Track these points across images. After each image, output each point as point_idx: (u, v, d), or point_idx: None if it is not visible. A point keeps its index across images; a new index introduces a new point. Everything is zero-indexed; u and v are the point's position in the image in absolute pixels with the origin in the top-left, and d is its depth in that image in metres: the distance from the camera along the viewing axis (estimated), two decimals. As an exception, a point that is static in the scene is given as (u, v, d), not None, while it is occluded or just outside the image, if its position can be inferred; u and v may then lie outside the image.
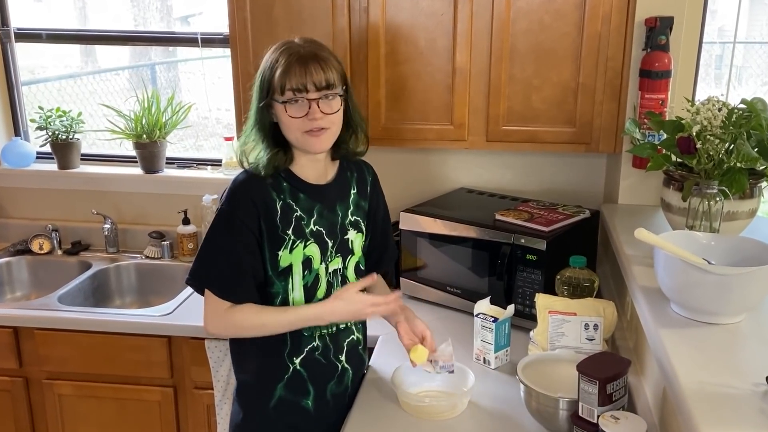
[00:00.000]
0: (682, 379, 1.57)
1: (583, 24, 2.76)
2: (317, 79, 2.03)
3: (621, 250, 2.41)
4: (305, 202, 2.16)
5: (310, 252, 2.16)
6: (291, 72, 2.02)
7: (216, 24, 3.60)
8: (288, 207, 2.13)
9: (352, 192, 2.28)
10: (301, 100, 2.04)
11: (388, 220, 2.44)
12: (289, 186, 2.14)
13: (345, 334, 2.28)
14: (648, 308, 1.95)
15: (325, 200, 2.20)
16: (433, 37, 2.87)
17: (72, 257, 3.68)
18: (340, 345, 2.27)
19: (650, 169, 2.44)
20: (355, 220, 2.27)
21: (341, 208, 2.24)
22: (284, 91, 2.04)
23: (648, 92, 2.71)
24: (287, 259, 2.13)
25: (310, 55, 2.04)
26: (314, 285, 2.19)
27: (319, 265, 2.18)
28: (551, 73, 2.83)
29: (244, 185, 2.12)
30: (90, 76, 4.44)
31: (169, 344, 2.99)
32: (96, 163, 3.84)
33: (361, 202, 2.30)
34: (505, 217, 2.83)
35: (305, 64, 2.03)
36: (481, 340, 2.47)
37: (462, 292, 2.89)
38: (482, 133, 2.94)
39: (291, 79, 2.02)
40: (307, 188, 2.17)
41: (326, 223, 2.19)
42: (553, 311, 2.34)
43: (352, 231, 2.26)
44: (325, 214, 2.19)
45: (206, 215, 3.48)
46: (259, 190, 2.11)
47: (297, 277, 2.15)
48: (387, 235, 2.43)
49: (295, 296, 2.16)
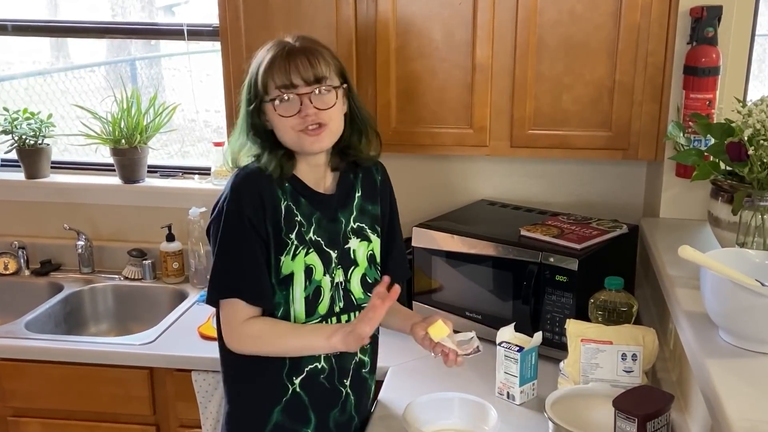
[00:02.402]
0: (732, 418, 1.57)
1: (620, 14, 2.77)
2: (305, 72, 2.08)
3: (663, 270, 2.42)
4: (306, 208, 2.20)
5: (311, 261, 2.20)
6: (275, 67, 2.09)
7: (204, 14, 3.62)
8: (290, 209, 2.18)
9: (356, 195, 2.31)
10: (291, 97, 2.08)
11: (397, 231, 2.46)
12: (291, 188, 2.19)
13: (350, 356, 2.30)
14: (693, 336, 1.95)
15: (326, 209, 2.24)
16: (450, 29, 2.89)
17: (41, 278, 3.70)
18: (346, 368, 2.30)
19: (696, 179, 2.43)
20: (358, 227, 2.30)
21: (344, 214, 2.28)
22: (270, 90, 2.10)
23: (693, 91, 2.71)
24: (289, 266, 2.17)
25: (297, 50, 2.11)
26: (315, 298, 2.21)
27: (322, 277, 2.21)
28: (584, 70, 2.85)
29: (248, 179, 2.17)
30: (62, 73, 4.44)
31: (150, 377, 3.00)
32: (68, 171, 3.87)
33: (366, 206, 2.33)
34: (531, 233, 2.84)
35: (291, 58, 2.09)
36: (504, 372, 2.49)
37: (483, 317, 2.90)
38: (506, 137, 2.95)
39: (276, 76, 2.08)
40: (309, 194, 2.22)
41: (325, 233, 2.22)
42: (586, 339, 2.35)
43: (354, 239, 2.29)
44: (324, 224, 2.23)
45: (193, 230, 3.51)
46: (265, 185, 2.16)
47: (298, 288, 2.19)
48: (393, 244, 2.44)
49: (296, 308, 2.20)
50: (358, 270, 2.30)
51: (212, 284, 2.21)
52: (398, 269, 2.45)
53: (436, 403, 2.31)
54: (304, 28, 2.87)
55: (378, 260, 2.36)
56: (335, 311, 2.26)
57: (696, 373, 1.89)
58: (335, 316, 2.26)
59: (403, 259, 2.51)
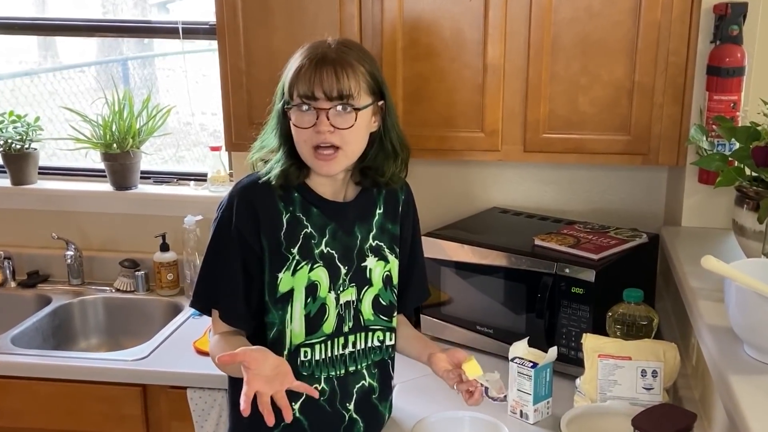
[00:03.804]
0: (758, 437, 1.58)
1: (639, 11, 2.78)
2: (328, 86, 2.07)
3: (685, 281, 2.43)
4: (318, 219, 2.21)
5: (317, 276, 2.20)
6: (301, 75, 2.08)
7: (200, 11, 3.63)
8: (296, 221, 2.19)
9: (377, 212, 2.32)
10: (310, 109, 2.09)
11: (419, 253, 2.49)
12: (300, 198, 2.20)
13: (354, 379, 2.31)
14: (717, 351, 1.96)
15: (342, 220, 2.25)
16: (460, 27, 2.90)
17: (28, 290, 3.72)
18: (349, 391, 2.31)
19: (719, 185, 2.44)
20: (377, 245, 2.31)
21: (361, 230, 2.28)
22: (293, 95, 2.10)
23: (717, 93, 2.72)
24: (288, 282, 2.18)
25: (328, 60, 2.09)
26: (319, 316, 2.22)
27: (327, 294, 2.22)
28: (601, 70, 2.86)
29: (246, 190, 2.19)
30: (50, 73, 4.45)
31: (143, 394, 3.01)
32: (57, 177, 3.89)
33: (387, 225, 2.34)
34: (546, 243, 2.86)
35: (318, 68, 2.08)
36: (517, 390, 2.49)
37: (494, 332, 2.91)
38: (519, 141, 2.96)
39: (300, 83, 2.08)
40: (322, 203, 2.23)
41: (340, 246, 2.24)
42: (603, 355, 2.36)
43: (371, 258, 2.30)
44: (339, 236, 2.24)
45: (189, 240, 3.52)
46: (263, 197, 2.17)
47: (298, 305, 2.20)
48: (412, 272, 2.46)
49: (294, 328, 2.21)
50: (371, 290, 2.31)
51: (195, 291, 2.28)
52: (419, 295, 2.53)
53: (445, 423, 2.32)
54: (305, 26, 2.89)
55: (395, 282, 2.37)
56: (344, 331, 2.27)
57: (719, 391, 1.90)
58: (343, 336, 2.27)
59: (424, 282, 2.55)
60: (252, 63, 2.98)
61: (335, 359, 2.27)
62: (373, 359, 2.34)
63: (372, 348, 2.33)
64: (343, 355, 2.28)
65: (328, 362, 2.26)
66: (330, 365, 2.26)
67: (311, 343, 2.23)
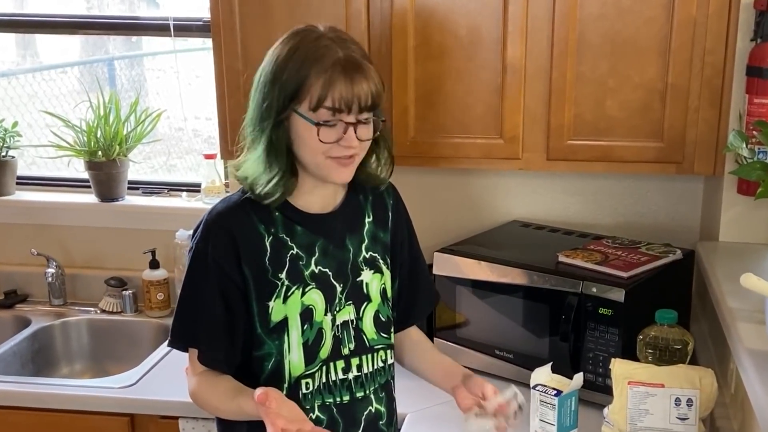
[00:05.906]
0: (801, 470, 1.60)
1: (672, 7, 2.79)
2: (364, 98, 2.01)
3: (722, 301, 2.43)
4: (303, 237, 2.18)
5: (311, 300, 2.18)
6: (334, 84, 1.98)
7: (193, 7, 3.64)
8: (280, 244, 2.16)
9: (367, 221, 2.31)
10: (338, 123, 2.02)
11: (419, 255, 2.47)
12: (282, 217, 2.17)
13: (361, 405, 2.28)
14: (758, 378, 1.96)
15: (330, 233, 2.22)
16: (477, 24, 2.91)
17: (5, 311, 3.73)
18: (356, 418, 2.27)
19: (760, 197, 2.45)
20: (371, 256, 2.29)
21: (352, 242, 2.26)
22: (319, 108, 2.00)
23: (758, 95, 2.73)
24: (280, 311, 2.16)
25: (352, 63, 2.01)
26: (317, 342, 2.20)
27: (323, 317, 2.20)
28: (631, 71, 2.87)
29: (221, 217, 2.15)
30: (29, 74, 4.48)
31: (131, 424, 3.01)
32: (37, 188, 3.90)
33: (379, 234, 2.32)
34: (570, 259, 2.87)
35: (350, 74, 2.00)
36: (539, 420, 2.50)
37: (514, 356, 2.92)
38: (541, 149, 2.97)
39: (334, 94, 1.98)
40: (306, 219, 2.19)
41: (333, 263, 2.21)
42: (633, 382, 2.37)
43: (367, 271, 2.28)
44: (331, 250, 2.22)
45: (180, 256, 3.52)
46: (241, 223, 2.14)
47: (295, 333, 2.17)
48: (417, 276, 2.45)
49: (292, 359, 2.18)
50: (371, 306, 2.28)
51: (172, 329, 2.23)
52: (430, 299, 2.54)
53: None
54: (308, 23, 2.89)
55: (389, 295, 2.35)
56: (343, 354, 2.23)
57: (761, 421, 1.90)
58: (343, 359, 2.23)
59: (431, 285, 2.55)
60: (250, 63, 2.96)
61: (333, 385, 2.23)
62: (379, 382, 2.31)
63: (378, 370, 2.31)
64: (346, 380, 2.24)
65: (323, 388, 2.22)
66: (326, 391, 2.22)
67: (311, 372, 2.20)
